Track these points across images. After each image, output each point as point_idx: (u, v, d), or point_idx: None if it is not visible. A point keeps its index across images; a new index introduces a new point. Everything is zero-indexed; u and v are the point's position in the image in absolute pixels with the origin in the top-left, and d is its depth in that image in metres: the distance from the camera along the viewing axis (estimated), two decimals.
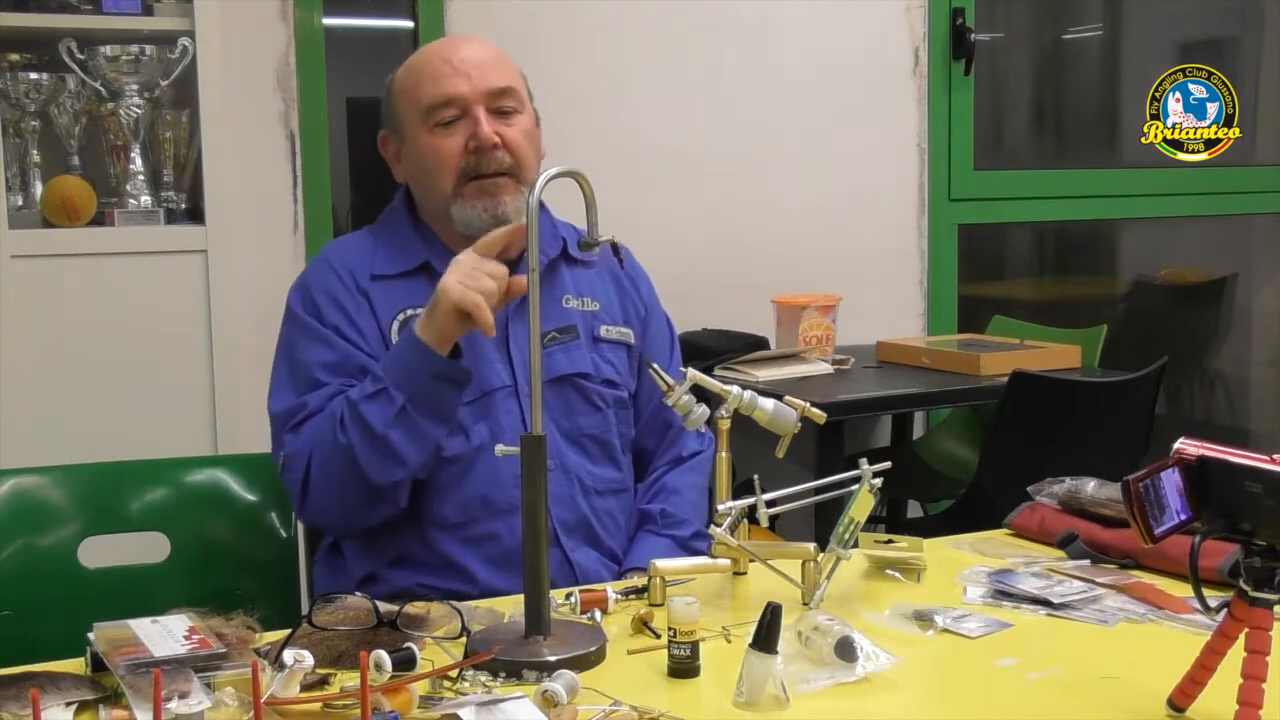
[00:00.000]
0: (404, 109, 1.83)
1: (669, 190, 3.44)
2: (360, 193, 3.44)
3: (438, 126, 1.79)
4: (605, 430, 1.84)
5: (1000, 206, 3.95)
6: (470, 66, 1.79)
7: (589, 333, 1.85)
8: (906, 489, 3.48)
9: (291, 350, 1.79)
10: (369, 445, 1.64)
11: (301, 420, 1.72)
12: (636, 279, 1.97)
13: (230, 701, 1.17)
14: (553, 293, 1.83)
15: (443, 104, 1.78)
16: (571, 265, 1.88)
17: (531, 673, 1.27)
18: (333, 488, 1.68)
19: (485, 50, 1.83)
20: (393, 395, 1.64)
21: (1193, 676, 1.17)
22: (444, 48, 1.85)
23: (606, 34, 3.39)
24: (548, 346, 1.79)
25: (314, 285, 1.82)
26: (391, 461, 1.65)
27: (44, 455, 2.09)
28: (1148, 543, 1.12)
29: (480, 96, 1.78)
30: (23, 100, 2.69)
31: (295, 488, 1.72)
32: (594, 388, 1.83)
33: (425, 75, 1.81)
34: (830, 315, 3.27)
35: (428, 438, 1.67)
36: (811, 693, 1.24)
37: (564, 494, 1.78)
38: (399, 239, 1.85)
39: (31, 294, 2.56)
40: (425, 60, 1.83)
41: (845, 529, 1.49)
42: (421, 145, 1.81)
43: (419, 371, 1.65)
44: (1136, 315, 4.69)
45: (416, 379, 1.65)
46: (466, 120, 1.78)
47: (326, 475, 1.68)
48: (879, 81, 3.70)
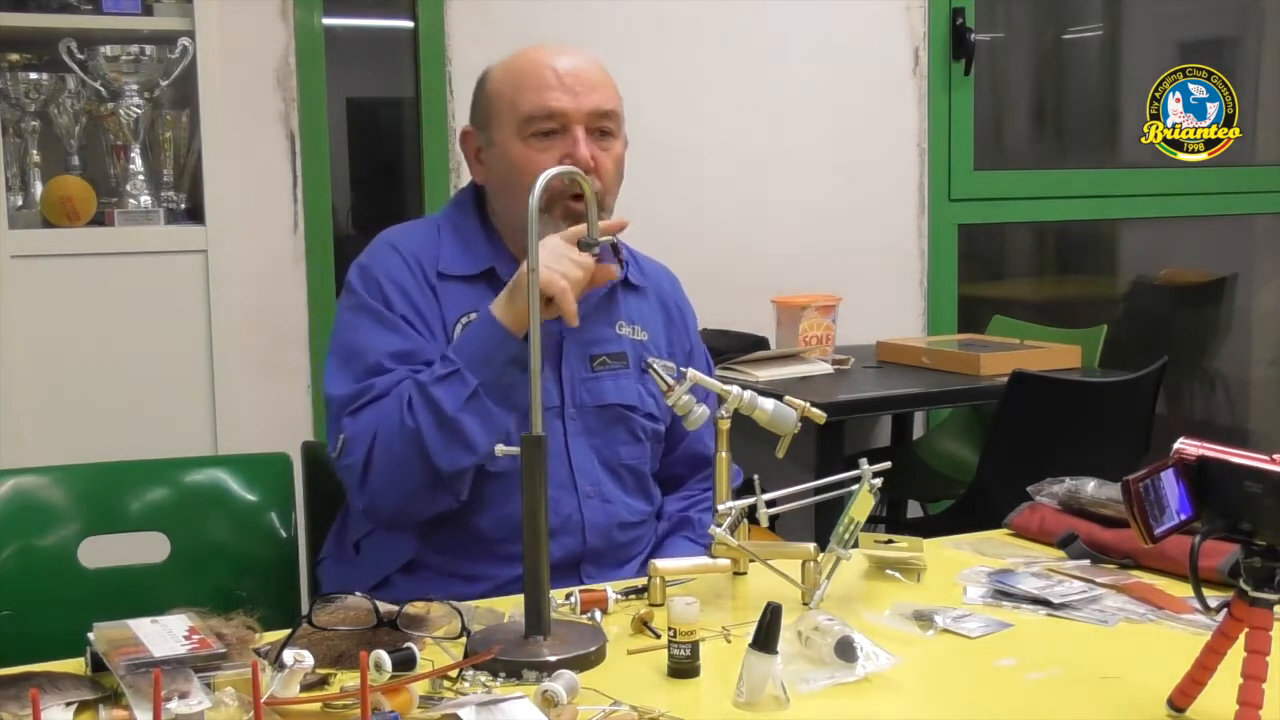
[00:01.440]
0: (499, 111, 1.76)
1: (669, 190, 3.43)
2: (360, 193, 3.44)
3: (533, 137, 1.73)
4: (642, 462, 1.82)
5: (1000, 206, 3.94)
6: (577, 82, 1.73)
7: (637, 363, 1.81)
8: (906, 489, 3.48)
9: (355, 334, 1.72)
10: (438, 428, 1.60)
11: (365, 404, 1.66)
12: (685, 313, 1.94)
13: (230, 701, 1.17)
14: (609, 316, 1.80)
15: (544, 116, 1.72)
16: (628, 291, 1.85)
17: (531, 673, 1.26)
18: (396, 473, 1.63)
19: (592, 67, 1.77)
20: (466, 378, 1.60)
21: (1193, 676, 1.17)
22: (550, 56, 1.76)
23: (606, 34, 3.39)
24: (597, 371, 1.77)
25: (380, 270, 1.75)
26: (460, 447, 1.60)
27: (44, 455, 2.09)
28: (1148, 543, 1.12)
29: (583, 115, 1.72)
30: (23, 100, 2.69)
31: (355, 471, 1.65)
32: (638, 420, 1.80)
33: (528, 81, 1.74)
34: (830, 315, 3.27)
35: (499, 425, 1.61)
36: (811, 693, 1.24)
37: (601, 523, 1.75)
38: (466, 239, 1.78)
39: (31, 294, 2.56)
40: (529, 65, 1.76)
41: (845, 529, 1.49)
42: (512, 153, 1.74)
43: (495, 355, 1.60)
44: (1136, 315, 4.69)
45: (492, 363, 1.60)
46: (564, 137, 1.72)
47: (390, 458, 1.62)
48: (879, 81, 3.70)
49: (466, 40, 3.20)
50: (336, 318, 1.78)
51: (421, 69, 3.20)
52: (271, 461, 1.92)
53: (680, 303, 1.95)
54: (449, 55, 3.20)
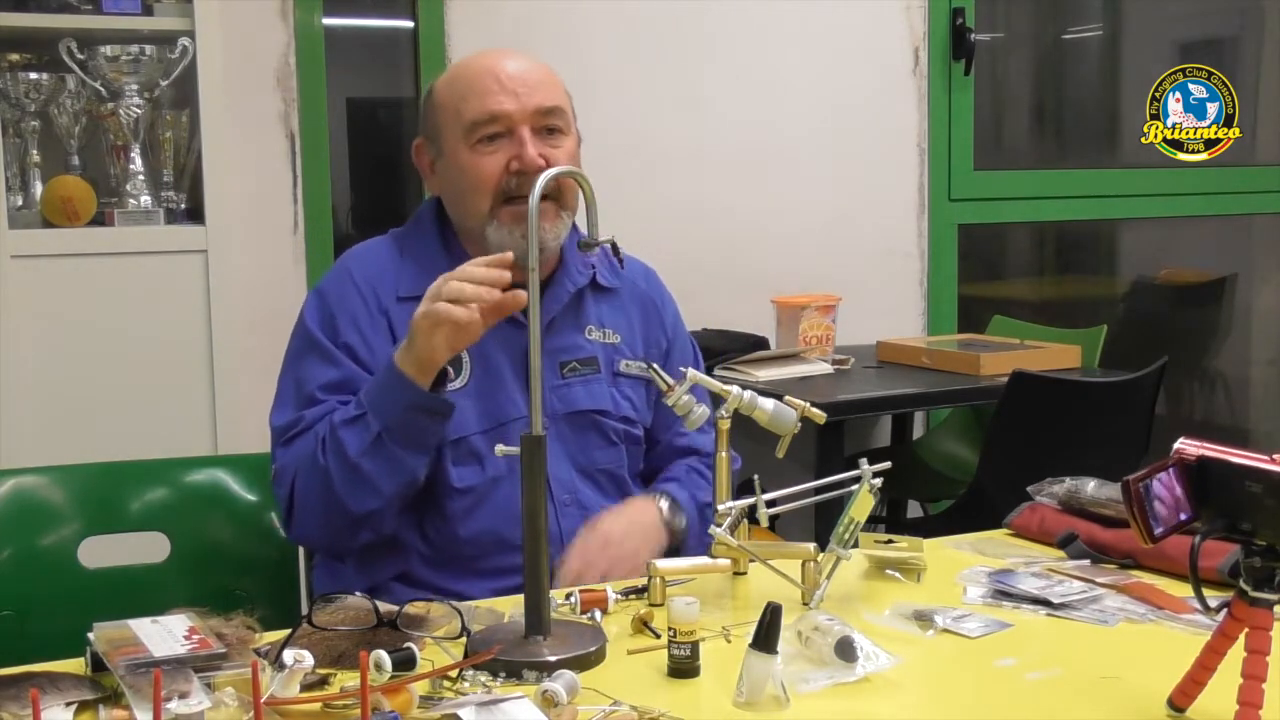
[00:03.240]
0: (444, 121, 1.76)
1: (669, 190, 3.43)
2: (360, 193, 3.44)
3: (479, 143, 1.72)
4: (619, 465, 1.81)
5: (1000, 206, 3.95)
6: (518, 83, 1.72)
7: (609, 366, 1.81)
8: (906, 489, 3.48)
9: (298, 365, 1.74)
10: (344, 472, 1.61)
11: (295, 435, 1.69)
12: (662, 306, 1.92)
13: (230, 701, 1.17)
14: (577, 322, 1.80)
15: (487, 120, 1.71)
16: (597, 294, 1.84)
17: (531, 673, 1.26)
18: (315, 508, 1.65)
19: (534, 67, 1.76)
20: (369, 423, 1.60)
21: (1193, 676, 1.17)
22: (491, 61, 1.76)
23: (606, 34, 3.39)
24: (567, 378, 1.76)
25: (332, 299, 1.75)
26: (364, 490, 1.61)
27: (44, 455, 2.09)
28: (1148, 543, 1.12)
29: (527, 115, 1.72)
30: (23, 100, 2.69)
31: (282, 505, 1.70)
32: (611, 424, 1.80)
33: (470, 88, 1.73)
34: (830, 315, 3.27)
35: (405, 467, 1.62)
36: (811, 693, 1.24)
37: (578, 530, 1.73)
38: (427, 258, 1.77)
39: (31, 294, 2.56)
40: (471, 72, 1.76)
41: (845, 529, 1.49)
42: (460, 161, 1.74)
43: (395, 401, 1.59)
44: (1136, 315, 4.69)
45: (393, 408, 1.59)
46: (510, 140, 1.72)
47: (308, 496, 1.65)
48: (879, 81, 3.70)
49: (466, 40, 3.20)
50: (288, 344, 1.79)
51: (421, 69, 3.20)
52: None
53: (657, 296, 1.93)
54: (449, 55, 3.20)
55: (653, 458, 1.90)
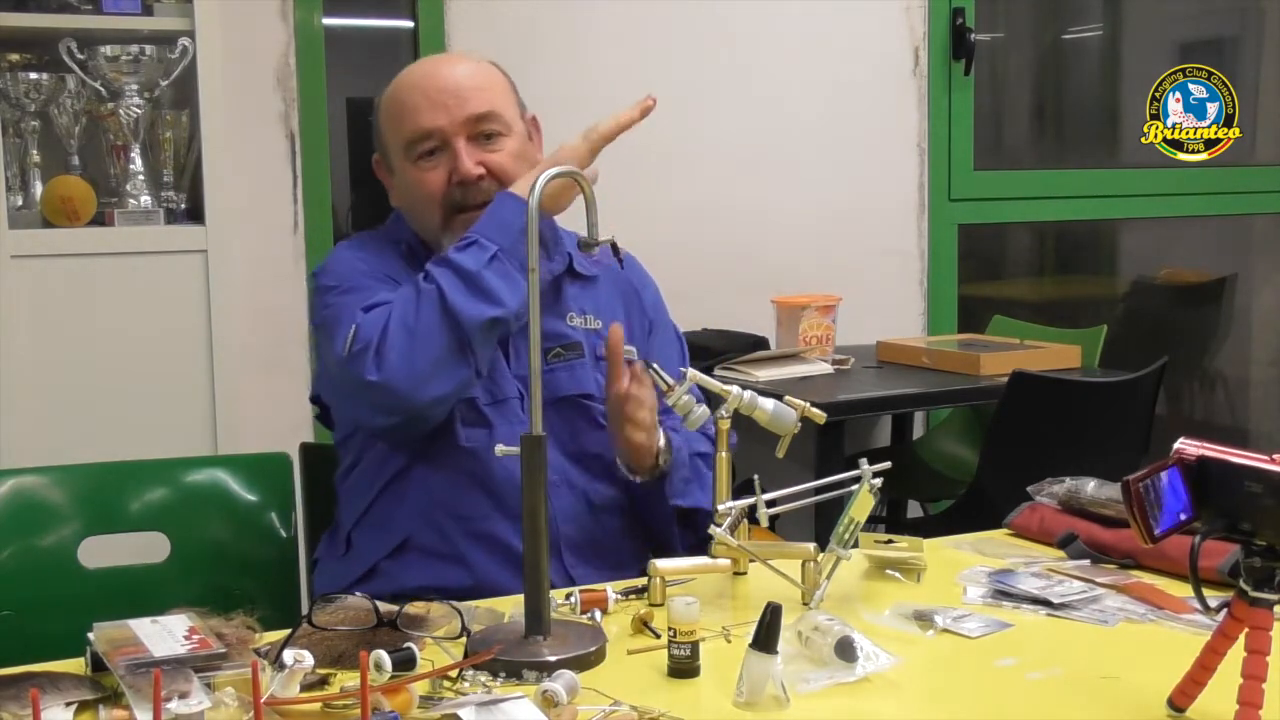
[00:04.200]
0: (389, 140, 1.81)
1: (669, 190, 3.43)
2: (360, 193, 3.44)
3: (420, 159, 1.76)
4: (606, 448, 1.81)
5: (1000, 206, 3.95)
6: (447, 96, 1.74)
7: (592, 351, 1.82)
8: (906, 489, 3.48)
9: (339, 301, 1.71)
10: (461, 283, 1.62)
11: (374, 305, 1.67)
12: (641, 289, 1.93)
13: (230, 701, 1.17)
14: (557, 309, 1.80)
15: (421, 138, 1.75)
16: (575, 281, 1.85)
17: (531, 673, 1.26)
18: (414, 342, 1.61)
19: (463, 74, 1.79)
20: (484, 244, 1.64)
21: (1193, 676, 1.17)
22: (420, 76, 1.80)
23: (606, 34, 3.39)
24: (551, 363, 1.77)
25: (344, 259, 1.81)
26: (483, 298, 1.62)
27: (44, 455, 2.09)
28: (1148, 543, 1.12)
29: (459, 126, 1.74)
30: (23, 100, 2.69)
31: (369, 352, 1.61)
32: (598, 407, 1.80)
33: (404, 107, 1.77)
34: (830, 315, 3.27)
35: (520, 289, 1.63)
36: (811, 693, 1.24)
37: (570, 510, 1.75)
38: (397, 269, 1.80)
39: (31, 294, 2.56)
40: (403, 91, 1.79)
41: (845, 529, 1.49)
42: (407, 178, 1.79)
43: (509, 223, 1.64)
44: (1136, 315, 4.69)
45: (508, 230, 1.64)
46: (448, 152, 1.75)
47: (407, 328, 1.61)
48: (879, 82, 3.70)
49: (466, 40, 3.20)
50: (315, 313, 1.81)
51: None
52: (271, 461, 1.92)
53: (636, 280, 1.94)
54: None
55: None
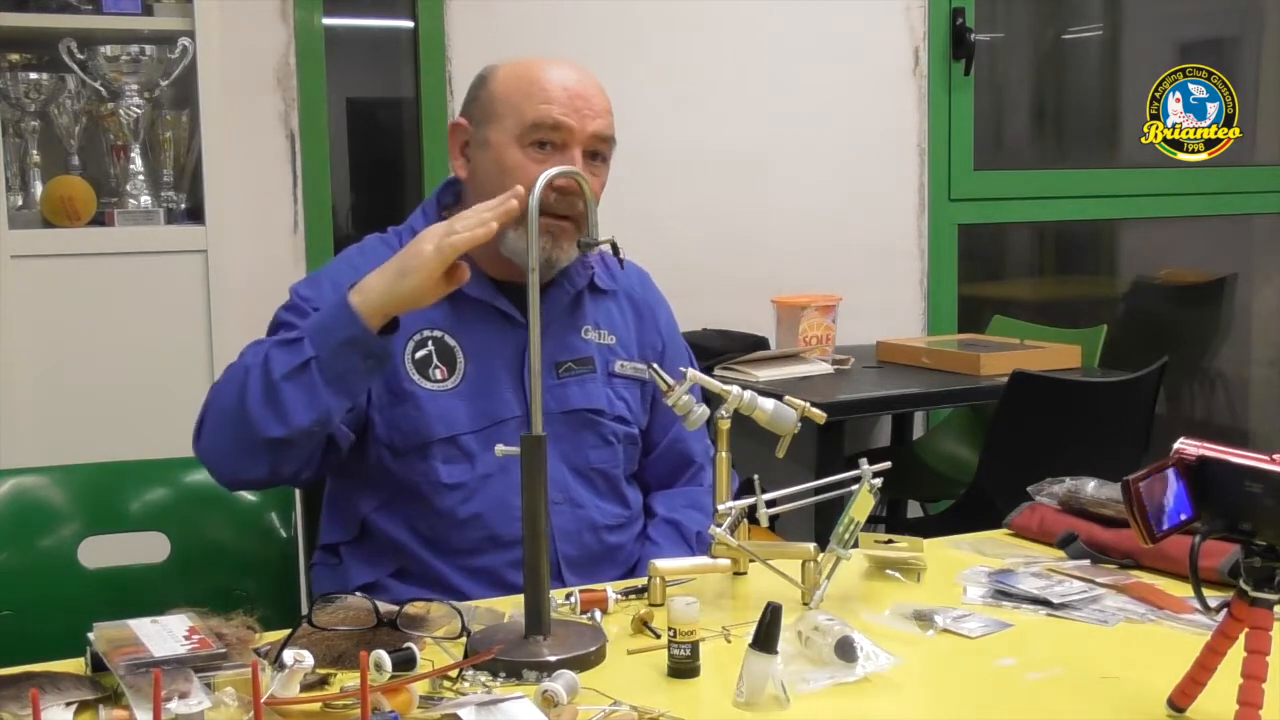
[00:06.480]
0: (500, 113, 1.73)
1: (669, 190, 3.43)
2: (360, 193, 3.44)
3: (532, 146, 1.71)
4: (613, 465, 1.81)
5: (1000, 206, 3.95)
6: (584, 104, 1.71)
7: (604, 367, 1.81)
8: (906, 489, 3.48)
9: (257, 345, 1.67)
10: (262, 390, 1.54)
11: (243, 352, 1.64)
12: (656, 309, 1.92)
13: (230, 701, 1.17)
14: (574, 322, 1.80)
15: (549, 127, 1.70)
16: (594, 296, 1.84)
17: (531, 673, 1.27)
18: (225, 420, 1.59)
19: (599, 92, 1.75)
20: (304, 348, 1.54)
21: (1193, 676, 1.17)
22: (561, 72, 1.74)
23: (606, 34, 3.39)
24: (563, 378, 1.76)
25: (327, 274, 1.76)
26: (275, 414, 1.53)
27: (44, 455, 2.09)
28: (1148, 543, 1.12)
29: (585, 138, 1.71)
30: (23, 100, 2.69)
31: (199, 419, 1.63)
32: (607, 424, 1.79)
33: (536, 89, 1.71)
34: (830, 315, 3.27)
35: (321, 404, 1.54)
36: (811, 693, 1.24)
37: (572, 530, 1.74)
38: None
39: (31, 294, 2.56)
40: (540, 73, 1.73)
41: (845, 529, 1.49)
42: (507, 158, 1.71)
43: (336, 332, 1.54)
44: (1136, 315, 4.69)
45: (331, 339, 1.54)
46: (562, 154, 1.70)
47: (223, 402, 1.59)
48: (879, 82, 3.70)
49: (466, 40, 3.20)
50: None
51: (421, 69, 3.20)
52: None
53: (650, 299, 1.93)
54: (449, 55, 3.20)
55: (648, 463, 1.90)
